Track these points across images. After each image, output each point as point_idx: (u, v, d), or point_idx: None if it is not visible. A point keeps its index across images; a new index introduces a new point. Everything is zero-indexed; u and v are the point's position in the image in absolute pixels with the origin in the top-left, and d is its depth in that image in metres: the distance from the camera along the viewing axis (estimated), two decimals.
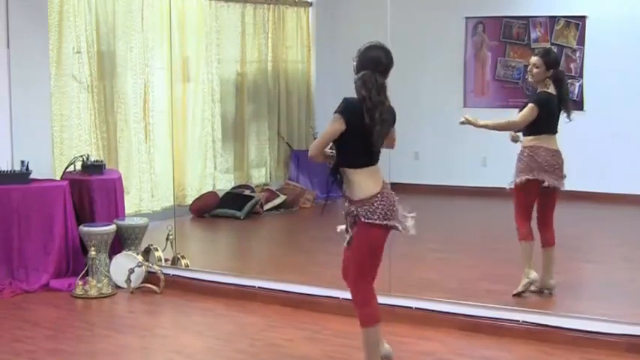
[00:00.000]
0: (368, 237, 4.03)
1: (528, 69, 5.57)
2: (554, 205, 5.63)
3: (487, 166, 9.26)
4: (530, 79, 5.60)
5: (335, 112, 4.01)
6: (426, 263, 6.69)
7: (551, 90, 5.49)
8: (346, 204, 4.13)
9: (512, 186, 5.54)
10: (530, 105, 5.45)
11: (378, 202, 3.99)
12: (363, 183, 4.03)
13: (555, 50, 9.21)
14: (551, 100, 5.47)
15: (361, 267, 4.10)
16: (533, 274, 5.54)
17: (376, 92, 3.96)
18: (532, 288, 5.56)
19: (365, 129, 3.96)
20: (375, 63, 4.02)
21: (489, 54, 9.90)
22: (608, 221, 8.33)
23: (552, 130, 5.53)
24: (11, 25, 6.64)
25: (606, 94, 8.83)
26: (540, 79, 5.49)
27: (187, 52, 9.15)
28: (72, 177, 6.81)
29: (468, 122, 5.43)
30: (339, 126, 3.98)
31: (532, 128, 5.48)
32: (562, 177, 5.54)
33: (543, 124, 5.46)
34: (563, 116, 5.55)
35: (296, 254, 7.48)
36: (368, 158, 4.07)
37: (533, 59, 5.51)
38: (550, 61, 5.49)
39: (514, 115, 5.59)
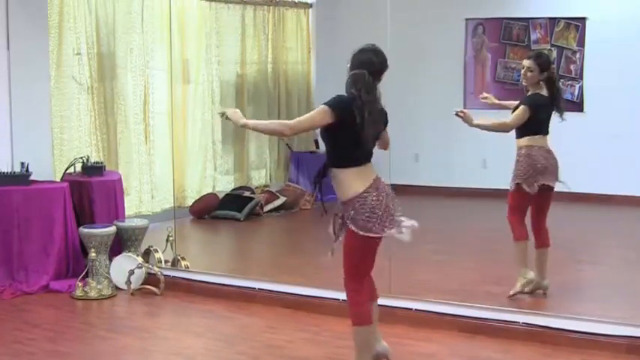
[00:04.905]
0: (356, 242, 4.05)
1: (522, 72, 5.58)
2: (548, 206, 5.65)
3: (487, 168, 9.25)
4: (524, 83, 5.61)
5: (324, 104, 3.98)
6: (426, 265, 6.69)
7: (544, 92, 5.53)
8: (338, 204, 4.15)
9: (513, 186, 5.55)
10: (522, 107, 5.47)
11: (361, 203, 3.98)
12: (349, 182, 4.03)
13: (555, 52, 9.20)
14: (542, 101, 5.51)
15: (352, 268, 4.13)
16: (531, 274, 5.55)
17: (365, 91, 3.95)
18: (527, 289, 5.54)
19: (355, 127, 3.95)
20: (366, 66, 4.02)
21: (489, 55, 9.90)
22: (608, 223, 8.33)
23: (544, 131, 5.56)
24: (11, 27, 6.64)
25: (606, 95, 8.83)
26: (534, 81, 5.53)
27: (187, 53, 9.16)
28: (72, 178, 6.81)
29: (462, 117, 5.39)
30: (326, 117, 3.95)
31: (524, 130, 5.51)
32: (557, 178, 5.55)
33: (535, 125, 5.49)
34: (555, 117, 5.56)
35: (296, 256, 7.48)
36: (357, 157, 4.05)
37: (526, 63, 5.53)
38: (543, 63, 5.51)
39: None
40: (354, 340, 4.20)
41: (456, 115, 5.36)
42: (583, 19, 9.24)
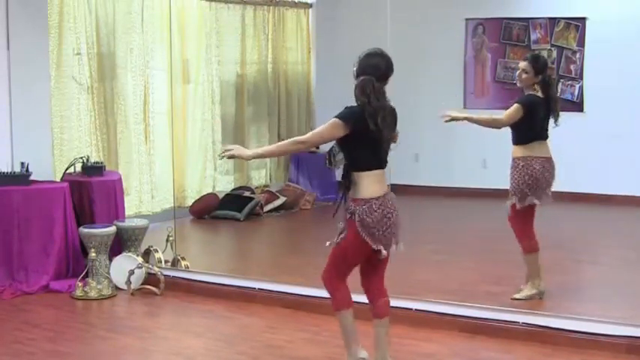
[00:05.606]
0: (353, 240, 4.07)
1: (517, 74, 5.55)
2: (533, 214, 5.58)
3: (487, 168, 9.25)
4: (519, 84, 5.57)
5: (336, 117, 4.03)
6: (426, 265, 6.69)
7: (539, 94, 5.49)
8: (345, 203, 4.16)
9: (515, 202, 5.46)
10: (515, 105, 5.43)
11: (377, 206, 4.03)
12: (368, 185, 4.07)
13: (555, 52, 9.19)
14: (536, 103, 5.45)
15: (336, 261, 4.20)
16: (543, 286, 5.52)
17: (375, 97, 4.00)
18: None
19: (371, 134, 4.00)
20: (373, 70, 4.05)
21: (489, 55, 9.90)
22: (608, 223, 8.33)
23: (542, 136, 5.50)
24: (11, 27, 6.64)
25: (606, 95, 8.83)
26: (529, 84, 5.49)
27: (187, 53, 9.15)
28: (72, 178, 6.81)
29: (452, 118, 5.45)
30: (339, 131, 4.00)
31: (521, 136, 5.46)
32: (548, 193, 5.49)
33: (530, 130, 5.43)
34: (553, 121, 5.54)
35: (296, 256, 7.48)
36: (375, 162, 4.10)
37: (522, 64, 5.50)
38: (538, 66, 5.47)
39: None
40: (340, 325, 4.28)
41: (450, 120, 5.41)
42: (583, 19, 9.23)
